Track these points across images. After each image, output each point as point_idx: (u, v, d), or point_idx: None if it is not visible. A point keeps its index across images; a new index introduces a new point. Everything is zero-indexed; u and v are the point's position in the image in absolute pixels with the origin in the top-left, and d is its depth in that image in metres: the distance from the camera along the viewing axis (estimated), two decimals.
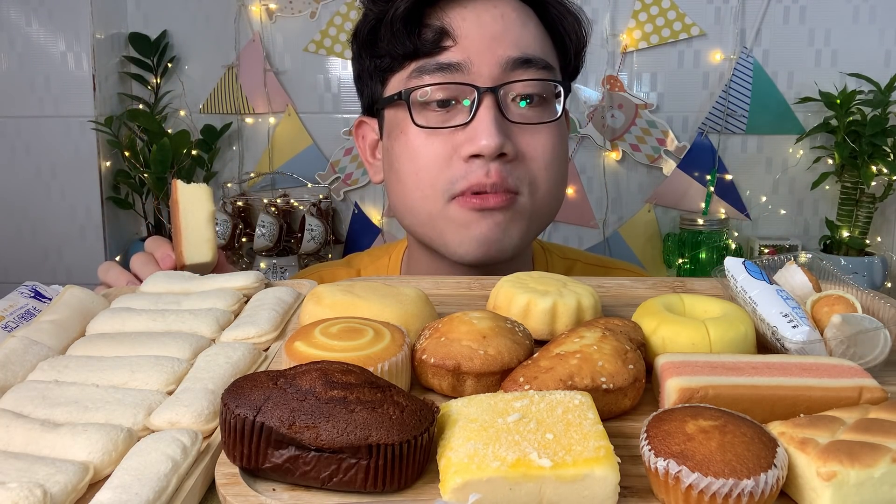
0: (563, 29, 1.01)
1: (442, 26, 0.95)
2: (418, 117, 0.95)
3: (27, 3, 2.22)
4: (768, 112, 2.20)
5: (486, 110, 0.92)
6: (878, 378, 0.57)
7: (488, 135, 0.90)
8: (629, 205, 2.31)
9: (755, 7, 2.18)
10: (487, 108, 0.92)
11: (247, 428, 0.47)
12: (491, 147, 0.90)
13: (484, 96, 0.92)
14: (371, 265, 1.17)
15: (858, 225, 2.10)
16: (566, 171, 1.02)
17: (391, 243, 1.21)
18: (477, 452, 0.46)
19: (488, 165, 0.92)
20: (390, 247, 1.19)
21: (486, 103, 0.92)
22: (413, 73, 0.96)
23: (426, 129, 0.95)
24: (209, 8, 2.35)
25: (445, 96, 0.94)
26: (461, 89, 0.94)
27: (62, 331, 0.69)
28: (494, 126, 0.91)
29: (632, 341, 0.62)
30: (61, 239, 2.33)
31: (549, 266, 1.14)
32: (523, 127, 0.95)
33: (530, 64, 0.94)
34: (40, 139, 2.28)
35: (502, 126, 0.92)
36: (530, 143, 0.95)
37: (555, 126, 0.98)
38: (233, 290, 0.78)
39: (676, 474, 0.44)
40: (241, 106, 2.37)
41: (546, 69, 0.96)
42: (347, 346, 0.57)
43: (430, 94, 0.94)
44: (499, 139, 0.90)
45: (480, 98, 0.92)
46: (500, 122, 0.92)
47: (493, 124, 0.91)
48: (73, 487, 0.47)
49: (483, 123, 0.91)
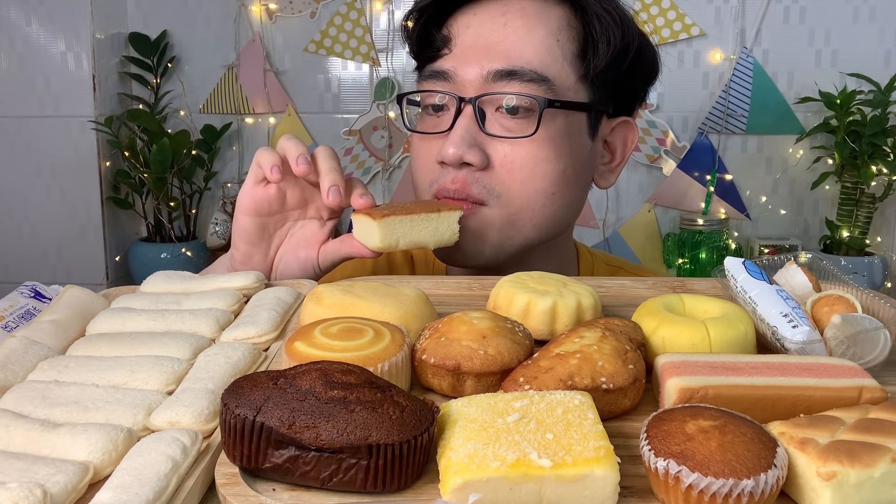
0: (594, 32, 0.96)
1: (445, 34, 0.98)
2: (422, 120, 0.99)
3: (27, 3, 2.22)
4: (768, 112, 2.20)
5: (462, 119, 0.94)
6: (878, 378, 0.56)
7: (453, 144, 0.92)
8: (629, 205, 2.31)
9: (755, 7, 2.19)
10: (464, 118, 0.94)
11: (247, 428, 0.47)
12: (451, 156, 0.92)
13: (465, 106, 0.94)
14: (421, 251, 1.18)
15: (858, 225, 2.10)
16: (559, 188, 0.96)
17: None
18: (477, 452, 0.46)
19: (455, 173, 0.94)
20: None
21: (465, 112, 0.94)
22: (420, 76, 1.00)
23: (417, 134, 1.00)
24: (209, 8, 2.35)
25: (435, 102, 0.97)
26: (449, 97, 0.96)
27: (62, 331, 0.69)
28: (461, 135, 0.92)
29: (632, 341, 0.61)
30: (61, 239, 2.33)
31: (594, 271, 1.14)
32: (503, 139, 0.94)
33: (514, 76, 0.93)
34: (40, 139, 2.28)
35: (473, 136, 0.93)
36: (508, 155, 0.94)
37: (542, 140, 0.93)
38: (233, 290, 0.78)
39: (676, 474, 0.44)
40: (241, 106, 2.38)
41: (534, 82, 0.93)
42: (347, 346, 0.57)
43: (424, 100, 0.98)
44: (460, 149, 0.92)
45: (461, 107, 0.94)
46: (471, 132, 0.93)
47: (461, 134, 0.92)
48: (73, 487, 0.47)
49: (454, 132, 0.93)
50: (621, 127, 1.04)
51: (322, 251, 0.92)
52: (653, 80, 1.06)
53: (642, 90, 1.06)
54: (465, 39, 0.97)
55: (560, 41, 0.96)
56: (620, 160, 1.06)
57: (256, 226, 0.91)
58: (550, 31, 0.96)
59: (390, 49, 2.34)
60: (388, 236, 0.84)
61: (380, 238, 0.84)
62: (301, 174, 0.88)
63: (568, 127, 0.96)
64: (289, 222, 0.94)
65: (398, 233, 0.85)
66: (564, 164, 0.96)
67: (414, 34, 1.01)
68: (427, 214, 0.86)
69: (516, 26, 0.95)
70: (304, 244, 0.93)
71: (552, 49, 0.95)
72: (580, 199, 1.03)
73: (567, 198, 0.98)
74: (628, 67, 0.98)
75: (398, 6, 2.31)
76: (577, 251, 1.15)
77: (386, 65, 2.34)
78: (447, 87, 0.96)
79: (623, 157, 1.06)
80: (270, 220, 0.92)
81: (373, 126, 2.36)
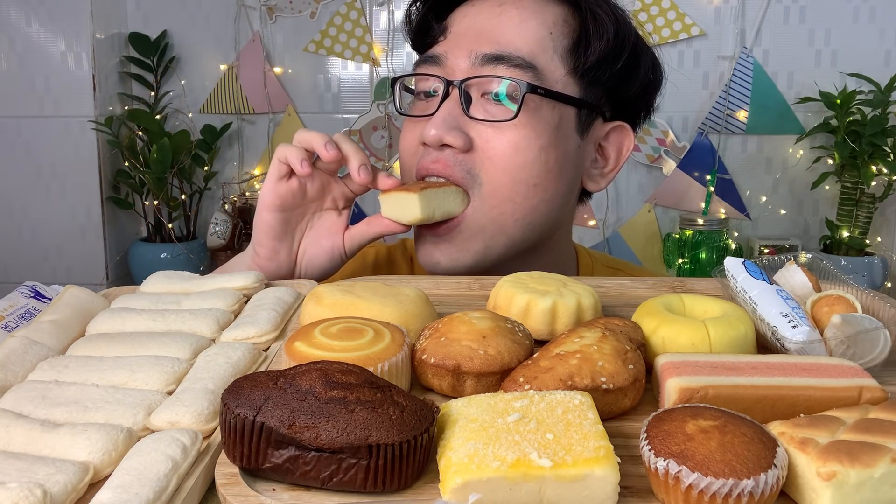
0: (589, 28, 0.97)
1: (442, 24, 1.01)
2: (413, 105, 1.01)
3: (27, 3, 2.22)
4: (768, 112, 2.20)
5: (447, 102, 0.94)
6: (878, 378, 0.57)
7: (434, 125, 0.93)
8: (629, 205, 2.31)
9: (755, 7, 2.18)
10: (449, 101, 0.94)
11: (247, 428, 0.47)
12: (431, 137, 0.92)
13: (451, 89, 0.95)
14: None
15: (858, 225, 2.10)
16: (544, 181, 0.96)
17: None
18: (477, 452, 0.46)
19: (436, 153, 0.94)
20: None
21: (452, 96, 0.95)
22: (414, 64, 1.02)
23: (406, 117, 1.02)
24: (209, 8, 2.35)
25: (424, 87, 0.99)
26: (438, 81, 0.96)
27: (62, 331, 0.69)
28: (443, 118, 0.93)
29: (632, 341, 0.61)
30: (61, 239, 2.33)
31: (593, 272, 1.14)
32: (486, 123, 0.94)
33: (501, 60, 0.93)
34: (40, 139, 2.28)
35: (456, 119, 0.93)
36: (490, 140, 0.94)
37: (524, 127, 0.93)
38: (233, 290, 0.78)
39: (676, 474, 0.44)
40: (241, 106, 2.37)
41: (520, 67, 0.93)
42: (347, 346, 0.57)
43: (416, 85, 1.00)
44: (440, 130, 0.92)
45: (447, 91, 0.95)
46: (454, 115, 0.94)
47: (443, 116, 0.93)
48: (73, 487, 0.47)
49: (437, 114, 0.94)
50: (617, 132, 1.03)
51: (348, 237, 0.96)
52: (654, 88, 1.06)
53: (643, 98, 1.06)
54: (459, 27, 0.99)
55: (553, 34, 0.97)
56: (614, 166, 1.05)
57: (281, 221, 0.94)
58: (544, 23, 0.97)
59: (390, 49, 2.34)
60: (427, 207, 0.90)
61: (420, 209, 0.89)
62: (331, 159, 0.91)
63: (554, 119, 0.96)
64: (308, 215, 0.97)
65: (434, 204, 0.91)
66: (548, 156, 0.95)
67: (413, 23, 1.05)
68: (453, 186, 0.93)
69: (510, 16, 0.96)
70: (326, 234, 0.96)
71: (543, 40, 0.96)
72: (565, 196, 1.01)
73: (550, 192, 0.97)
74: (622, 69, 0.98)
75: (398, 6, 2.31)
76: (577, 253, 1.15)
77: (386, 65, 2.34)
78: (437, 70, 0.97)
79: (617, 163, 1.05)
80: (293, 214, 0.95)
81: (373, 126, 2.36)
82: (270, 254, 0.94)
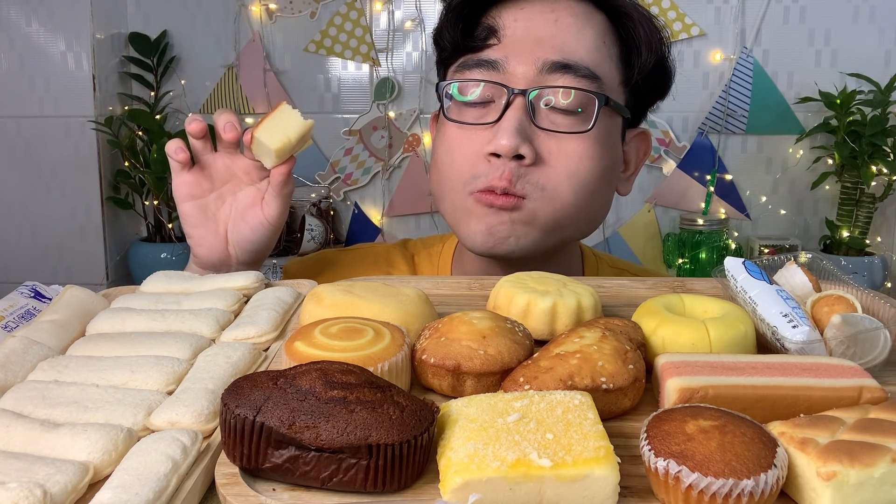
0: (636, 38, 0.96)
1: (491, 25, 0.96)
2: (460, 112, 0.96)
3: (27, 3, 2.22)
4: (768, 112, 2.20)
5: (513, 111, 0.91)
6: (878, 378, 0.56)
7: (507, 135, 0.89)
8: (629, 205, 2.31)
9: (755, 7, 2.19)
10: (515, 110, 0.91)
11: (247, 428, 0.47)
12: (506, 147, 0.89)
13: (515, 98, 0.92)
14: (424, 251, 1.18)
15: (858, 225, 2.10)
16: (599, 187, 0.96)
17: (445, 234, 1.20)
18: (477, 452, 0.46)
19: (504, 167, 0.91)
20: (444, 237, 1.19)
21: (515, 104, 0.92)
22: (458, 66, 0.97)
23: (460, 125, 0.96)
24: (209, 8, 2.35)
25: (481, 93, 0.94)
26: (496, 88, 0.93)
27: (62, 331, 0.69)
28: (515, 127, 0.90)
29: (632, 341, 0.61)
30: (61, 239, 2.33)
31: (598, 273, 1.14)
32: (552, 134, 0.92)
33: (568, 70, 0.91)
34: (40, 139, 2.28)
35: (525, 129, 0.91)
36: (554, 151, 0.92)
37: (590, 138, 0.93)
38: (233, 290, 0.78)
39: (676, 474, 0.44)
40: (241, 106, 2.38)
41: (588, 78, 0.92)
42: (347, 346, 0.57)
43: (468, 91, 0.95)
44: (516, 140, 0.89)
45: (511, 99, 0.92)
46: (523, 125, 0.91)
47: (515, 125, 0.90)
48: (73, 487, 0.47)
49: (505, 123, 0.91)
50: (638, 137, 1.05)
51: (264, 203, 0.97)
52: (667, 92, 1.06)
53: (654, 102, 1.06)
54: (515, 31, 0.95)
55: (606, 43, 0.96)
56: (634, 170, 1.06)
57: (197, 208, 0.97)
58: (598, 32, 0.96)
59: (390, 49, 2.34)
60: (273, 138, 0.90)
61: (271, 142, 0.90)
62: (231, 139, 0.94)
63: (609, 128, 0.96)
64: (228, 197, 0.98)
65: (278, 131, 0.91)
66: (605, 164, 0.96)
67: (456, 22, 0.97)
68: (282, 104, 0.93)
69: (567, 23, 0.95)
70: (247, 207, 0.97)
71: (601, 49, 0.95)
72: (609, 202, 1.03)
73: (601, 198, 0.99)
74: (661, 77, 1.00)
75: (398, 6, 2.31)
76: (582, 253, 1.15)
77: (386, 65, 2.34)
78: (496, 77, 0.94)
79: (636, 166, 1.06)
80: (209, 201, 0.97)
81: (373, 126, 2.36)
82: (199, 241, 0.97)
